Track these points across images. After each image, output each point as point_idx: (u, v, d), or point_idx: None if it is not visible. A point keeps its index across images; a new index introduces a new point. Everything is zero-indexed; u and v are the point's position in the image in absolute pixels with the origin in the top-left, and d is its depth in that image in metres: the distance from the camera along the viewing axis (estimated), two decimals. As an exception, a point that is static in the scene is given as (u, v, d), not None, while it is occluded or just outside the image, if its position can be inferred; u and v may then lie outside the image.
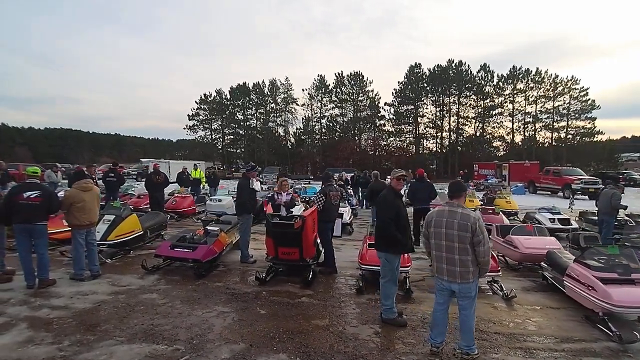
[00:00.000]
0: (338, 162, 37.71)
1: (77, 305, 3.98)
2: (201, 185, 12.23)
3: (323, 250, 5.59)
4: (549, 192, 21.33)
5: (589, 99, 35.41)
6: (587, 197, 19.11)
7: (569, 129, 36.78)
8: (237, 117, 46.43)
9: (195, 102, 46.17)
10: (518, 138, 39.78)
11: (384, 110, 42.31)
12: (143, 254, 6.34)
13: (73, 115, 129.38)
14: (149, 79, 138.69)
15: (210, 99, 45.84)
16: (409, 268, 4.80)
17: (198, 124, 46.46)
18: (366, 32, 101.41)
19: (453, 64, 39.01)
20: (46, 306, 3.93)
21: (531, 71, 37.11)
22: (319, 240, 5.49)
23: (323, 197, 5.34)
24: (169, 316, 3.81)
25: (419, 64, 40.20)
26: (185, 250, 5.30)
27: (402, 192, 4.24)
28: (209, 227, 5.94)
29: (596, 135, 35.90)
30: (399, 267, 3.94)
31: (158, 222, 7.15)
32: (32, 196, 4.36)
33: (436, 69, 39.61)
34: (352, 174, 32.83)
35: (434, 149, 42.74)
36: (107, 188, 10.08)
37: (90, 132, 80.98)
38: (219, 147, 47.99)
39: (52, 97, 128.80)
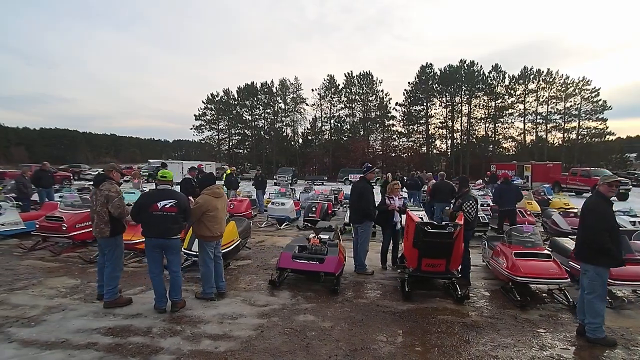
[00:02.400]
0: (350, 163, 37.33)
1: (238, 333, 3.36)
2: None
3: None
4: (574, 193, 21.33)
5: (600, 100, 35.84)
6: (615, 197, 19.29)
7: (580, 130, 37.07)
8: (245, 117, 45.51)
9: (202, 101, 45.16)
10: (528, 138, 39.99)
11: (395, 110, 42.09)
12: (240, 265, 5.74)
13: (66, 115, 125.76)
14: (144, 79, 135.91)
15: (217, 98, 44.83)
16: None
17: (205, 124, 45.37)
18: (373, 32, 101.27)
19: (465, 64, 38.96)
20: (202, 335, 3.30)
21: (542, 71, 37.35)
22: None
23: (475, 203, 4.83)
24: (353, 343, 3.23)
25: (430, 64, 40.17)
26: (312, 262, 4.72)
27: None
28: (322, 235, 5.38)
29: (607, 136, 36.29)
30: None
31: (245, 229, 6.50)
32: (167, 206, 3.69)
33: (447, 69, 39.50)
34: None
35: (445, 149, 42.63)
36: None
37: (87, 132, 78.56)
38: (226, 147, 46.96)
39: (45, 97, 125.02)
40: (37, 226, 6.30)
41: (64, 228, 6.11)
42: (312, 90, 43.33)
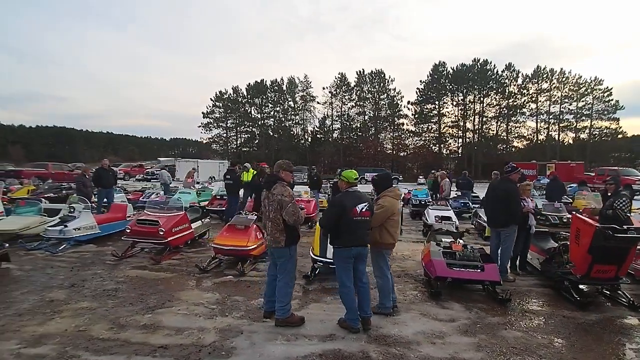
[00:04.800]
0: (362, 162, 36.99)
1: (467, 355, 2.92)
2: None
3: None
4: (598, 194, 21.35)
5: (612, 100, 36.19)
6: (643, 197, 19.38)
7: (592, 129, 37.44)
8: (253, 115, 44.78)
9: (211, 99, 44.27)
10: (540, 137, 40.16)
11: (408, 109, 41.90)
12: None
13: (59, 113, 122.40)
14: (139, 78, 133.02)
15: (225, 96, 43.95)
16: None
17: (212, 122, 44.47)
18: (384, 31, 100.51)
19: (478, 63, 38.93)
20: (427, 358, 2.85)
21: (555, 71, 37.61)
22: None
23: (628, 201, 4.48)
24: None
25: (444, 62, 40.07)
26: (471, 270, 4.31)
27: None
28: (460, 240, 4.97)
29: (618, 135, 36.68)
30: None
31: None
32: (363, 210, 3.25)
33: (459, 67, 39.45)
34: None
35: (456, 148, 42.62)
36: (227, 192, 8.84)
37: (84, 130, 76.44)
38: (233, 146, 46.18)
39: (39, 95, 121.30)
40: (128, 230, 5.71)
41: (161, 233, 5.57)
42: (323, 88, 42.98)
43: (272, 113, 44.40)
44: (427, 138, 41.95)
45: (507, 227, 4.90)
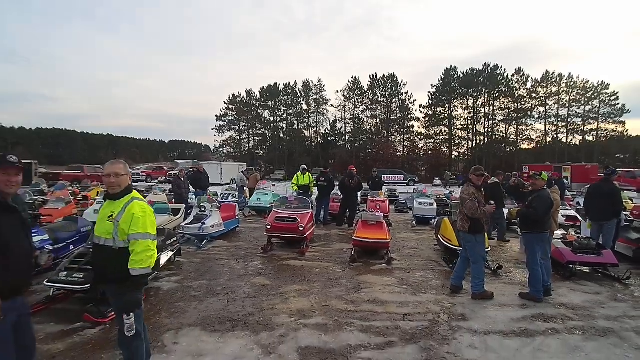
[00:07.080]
0: (377, 164, 37.98)
1: (635, 313, 3.82)
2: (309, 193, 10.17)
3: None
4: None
5: (618, 103, 38.24)
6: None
7: (599, 132, 39.47)
8: (266, 118, 45.49)
9: (224, 102, 44.86)
10: (547, 139, 41.96)
11: (420, 111, 43.23)
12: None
13: (57, 115, 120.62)
14: (138, 80, 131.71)
15: (238, 99, 44.54)
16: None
17: (225, 124, 45.02)
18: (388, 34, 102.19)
19: (489, 67, 40.58)
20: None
21: (564, 75, 39.60)
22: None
23: None
24: None
25: (455, 66, 41.63)
26: (592, 255, 5.23)
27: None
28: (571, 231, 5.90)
29: (624, 138, 38.77)
30: None
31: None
32: None
33: (469, 72, 41.04)
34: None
35: (465, 151, 44.11)
36: (320, 193, 9.52)
37: (84, 132, 75.62)
38: (245, 148, 46.76)
39: (30, 95, 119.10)
40: (269, 227, 6.44)
41: (301, 229, 6.32)
42: (337, 91, 44.01)
43: (284, 116, 45.20)
44: (439, 140, 43.37)
45: (609, 221, 5.85)
